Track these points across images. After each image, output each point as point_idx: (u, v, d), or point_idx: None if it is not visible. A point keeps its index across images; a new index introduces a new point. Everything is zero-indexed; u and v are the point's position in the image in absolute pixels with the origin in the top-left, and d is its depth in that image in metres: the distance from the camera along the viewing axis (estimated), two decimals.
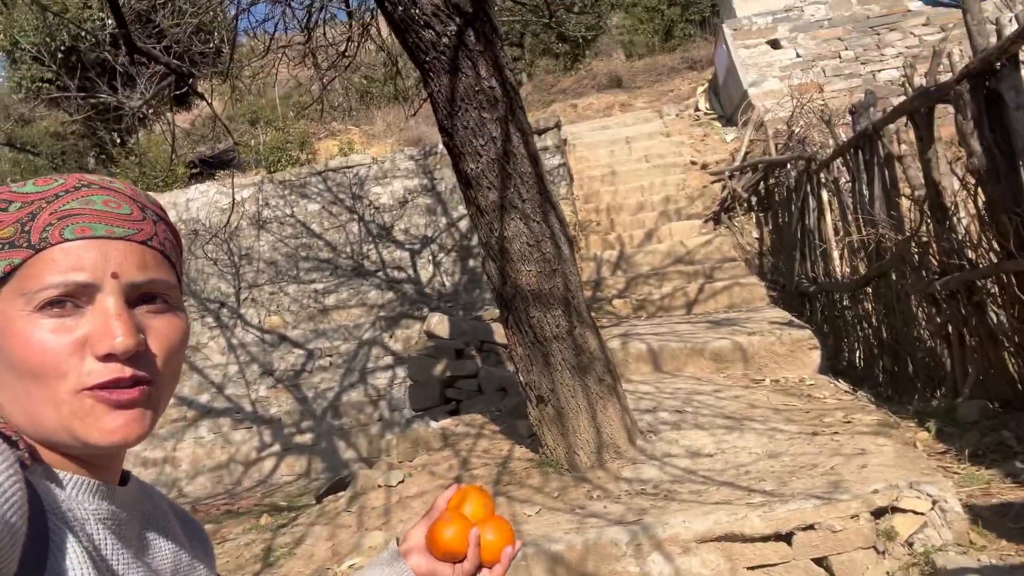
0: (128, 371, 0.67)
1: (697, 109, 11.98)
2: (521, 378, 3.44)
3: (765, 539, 2.25)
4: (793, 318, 5.17)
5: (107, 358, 0.66)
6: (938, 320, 3.82)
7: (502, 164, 3.01)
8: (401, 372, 7.57)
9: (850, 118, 5.22)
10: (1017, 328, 3.02)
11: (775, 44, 10.78)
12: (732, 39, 10.84)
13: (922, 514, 2.19)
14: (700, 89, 12.26)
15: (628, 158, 10.14)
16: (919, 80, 3.62)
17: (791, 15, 10.92)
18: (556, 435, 3.39)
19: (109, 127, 11.47)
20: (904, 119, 3.95)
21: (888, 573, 2.12)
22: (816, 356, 4.50)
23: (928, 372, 4.12)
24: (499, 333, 6.02)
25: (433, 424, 4.52)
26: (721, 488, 2.73)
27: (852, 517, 2.21)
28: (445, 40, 2.91)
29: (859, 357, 5.41)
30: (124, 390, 0.67)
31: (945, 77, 3.43)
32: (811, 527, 2.22)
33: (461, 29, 2.86)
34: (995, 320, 3.30)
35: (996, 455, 2.83)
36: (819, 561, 2.22)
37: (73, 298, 0.66)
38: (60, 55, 10.69)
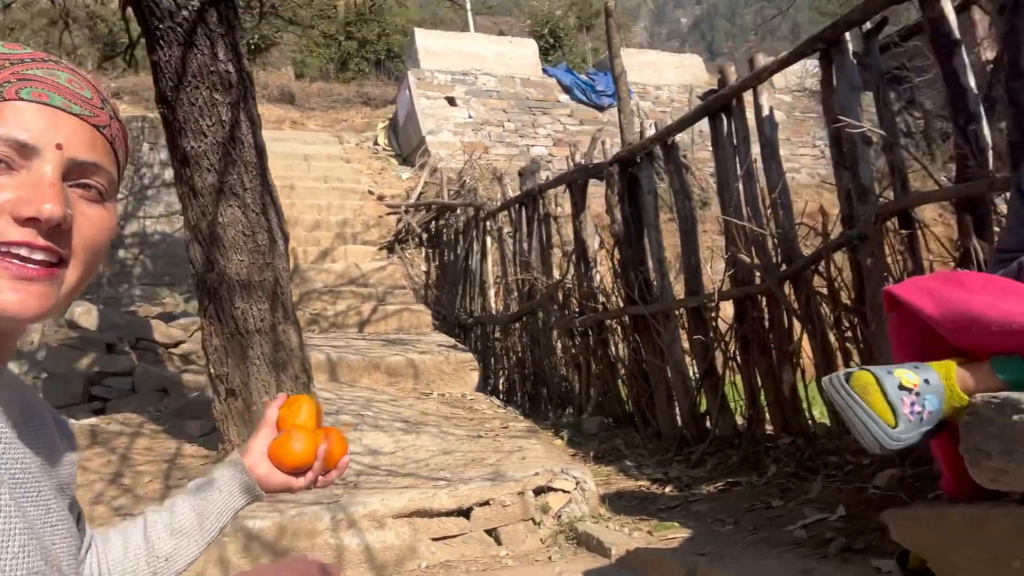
0: (42, 241, 0.63)
1: (376, 143, 12.48)
2: (212, 370, 3.33)
3: (449, 514, 2.59)
4: (457, 343, 5.79)
5: (28, 222, 0.63)
6: (572, 351, 4.70)
7: (227, 149, 2.98)
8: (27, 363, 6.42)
9: (519, 179, 6.11)
10: (631, 359, 3.92)
11: (452, 101, 11.84)
12: (415, 87, 11.62)
13: (568, 492, 2.76)
14: (381, 125, 12.81)
15: (306, 175, 10.14)
16: (580, 158, 4.50)
17: (467, 79, 12.09)
18: (242, 430, 3.34)
19: None
20: (563, 187, 4.82)
21: (542, 539, 2.63)
22: (475, 376, 5.13)
23: (561, 395, 5.00)
24: (159, 331, 5.56)
25: (78, 421, 4.02)
26: (405, 478, 3.03)
27: (519, 494, 2.68)
28: (185, 13, 2.83)
29: (503, 381, 6.24)
30: (33, 265, 0.64)
31: (598, 158, 4.34)
32: (487, 503, 2.64)
33: (204, 6, 2.81)
34: (614, 353, 4.22)
35: (612, 457, 3.62)
36: (490, 532, 2.64)
37: (8, 160, 0.63)
38: None
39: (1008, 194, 1.68)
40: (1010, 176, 1.81)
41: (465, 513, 2.63)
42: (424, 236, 8.79)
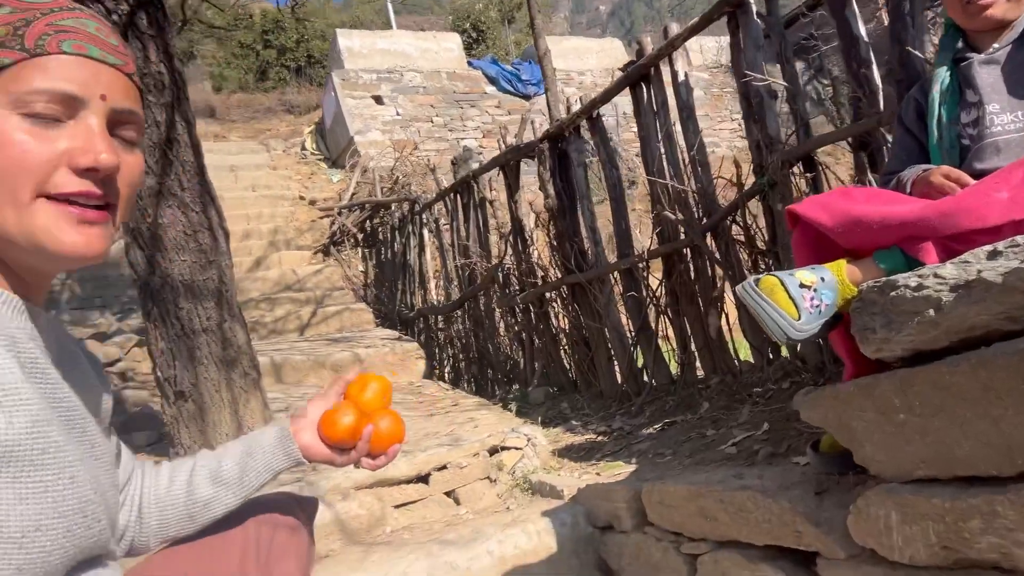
0: (99, 189, 0.68)
1: (303, 148, 12.37)
2: (159, 374, 3.33)
3: (409, 481, 2.70)
4: (402, 335, 5.87)
5: (85, 172, 0.66)
6: (515, 328, 4.85)
7: (164, 150, 3.00)
8: None
9: (452, 168, 6.21)
10: (572, 327, 4.09)
11: (379, 100, 11.83)
12: (340, 88, 11.58)
13: (521, 449, 2.90)
14: (308, 130, 12.71)
15: (234, 186, 9.98)
16: (511, 140, 4.63)
17: (393, 76, 12.09)
18: (195, 432, 3.36)
19: None
20: (497, 170, 4.95)
21: (498, 495, 2.76)
22: (422, 364, 5.24)
23: (506, 373, 5.14)
24: (95, 350, 5.44)
25: None
26: None
27: (474, 455, 2.81)
28: (115, 18, 2.84)
29: (449, 369, 6.34)
30: (91, 209, 0.68)
31: (528, 139, 4.48)
32: (444, 467, 2.75)
33: (134, 10, 2.83)
34: (556, 324, 4.38)
35: (558, 420, 3.78)
36: (448, 493, 2.76)
37: (55, 110, 0.66)
38: None
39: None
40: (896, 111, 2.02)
41: (424, 479, 2.74)
42: (360, 236, 8.80)
